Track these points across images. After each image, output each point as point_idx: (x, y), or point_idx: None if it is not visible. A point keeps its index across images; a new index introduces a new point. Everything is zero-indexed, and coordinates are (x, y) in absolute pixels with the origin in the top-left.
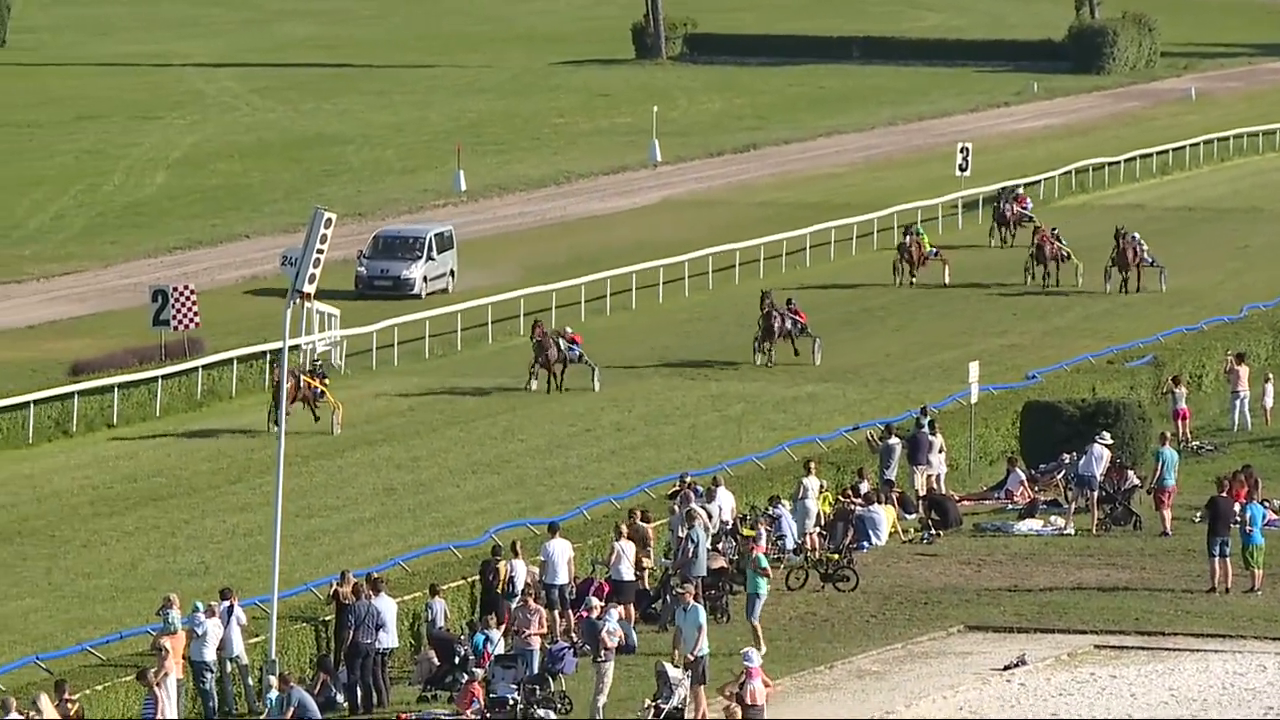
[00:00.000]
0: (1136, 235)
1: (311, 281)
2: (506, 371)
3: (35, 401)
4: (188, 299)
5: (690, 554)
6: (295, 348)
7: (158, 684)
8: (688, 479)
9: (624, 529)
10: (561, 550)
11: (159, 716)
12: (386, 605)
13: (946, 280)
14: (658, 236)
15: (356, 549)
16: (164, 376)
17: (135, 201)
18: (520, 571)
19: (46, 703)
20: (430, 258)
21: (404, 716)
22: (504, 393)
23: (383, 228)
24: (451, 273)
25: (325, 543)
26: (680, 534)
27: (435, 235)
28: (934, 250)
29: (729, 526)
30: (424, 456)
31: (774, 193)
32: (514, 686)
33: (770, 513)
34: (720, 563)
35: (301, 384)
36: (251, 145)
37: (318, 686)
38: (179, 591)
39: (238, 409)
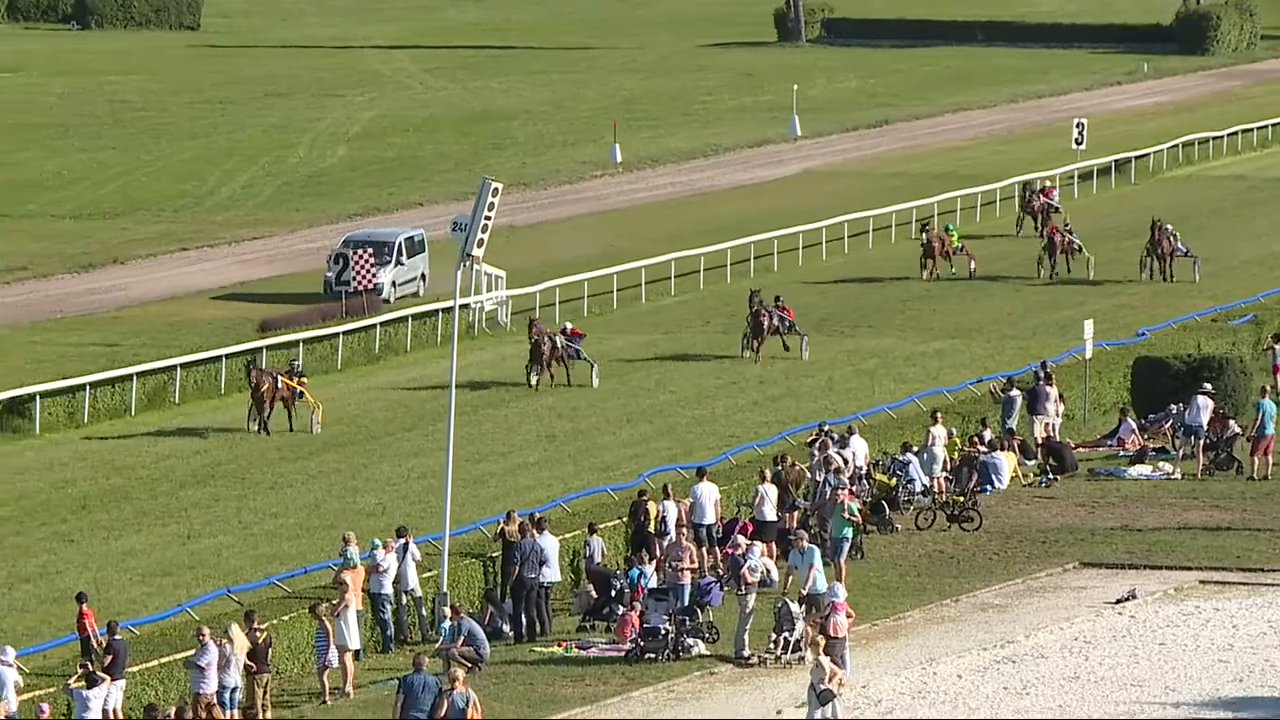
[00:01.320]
0: (1170, 227)
1: (480, 245)
2: (659, 328)
3: (226, 355)
4: (367, 261)
5: (827, 496)
6: (440, 312)
7: (336, 615)
8: (825, 427)
9: (766, 473)
10: (708, 492)
11: (334, 644)
12: (549, 543)
13: (972, 272)
14: (798, 205)
15: (521, 491)
16: (345, 333)
17: (318, 172)
18: (671, 511)
19: (237, 631)
20: (400, 262)
21: (564, 645)
22: (656, 347)
23: (352, 231)
24: (423, 276)
25: (492, 485)
26: (818, 478)
27: (405, 240)
28: (961, 245)
29: (863, 471)
30: (582, 407)
31: (904, 164)
32: (666, 617)
33: (900, 459)
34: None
35: (280, 385)
36: (424, 120)
37: (486, 617)
38: (357, 530)
39: (412, 362)
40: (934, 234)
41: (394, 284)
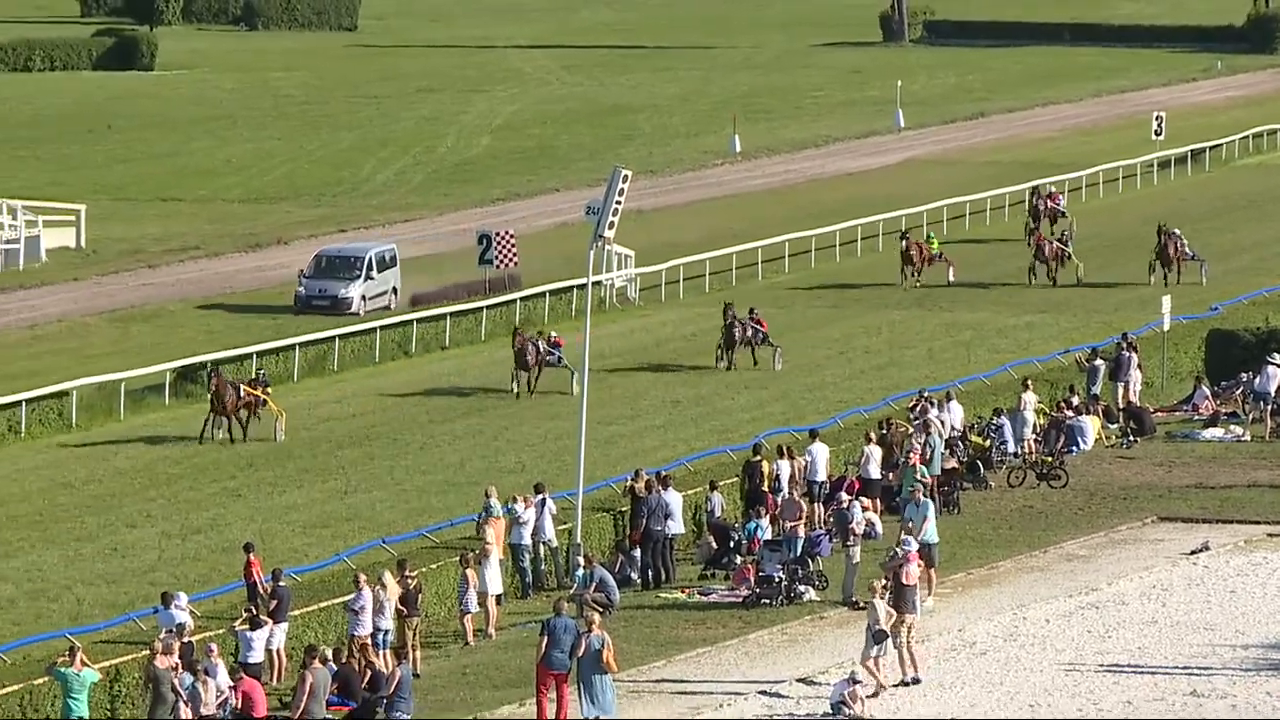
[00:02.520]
0: (1178, 231)
1: (611, 228)
2: (775, 303)
3: (381, 327)
4: (508, 241)
5: (927, 457)
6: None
7: (475, 564)
8: (925, 394)
9: (871, 435)
10: (821, 452)
11: (476, 591)
12: (673, 498)
13: (950, 280)
14: (901, 191)
15: (648, 451)
16: (488, 307)
17: (464, 160)
18: (784, 469)
19: (390, 578)
20: (369, 277)
21: (687, 592)
22: (771, 321)
23: (324, 247)
24: (394, 290)
25: (621, 446)
26: (918, 440)
27: (376, 255)
28: (939, 253)
29: (959, 434)
30: (704, 374)
31: (998, 154)
32: (779, 566)
33: (993, 422)
34: (952, 464)
35: (242, 393)
36: (561, 114)
37: (616, 566)
38: (498, 486)
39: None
40: (913, 242)
41: (364, 298)
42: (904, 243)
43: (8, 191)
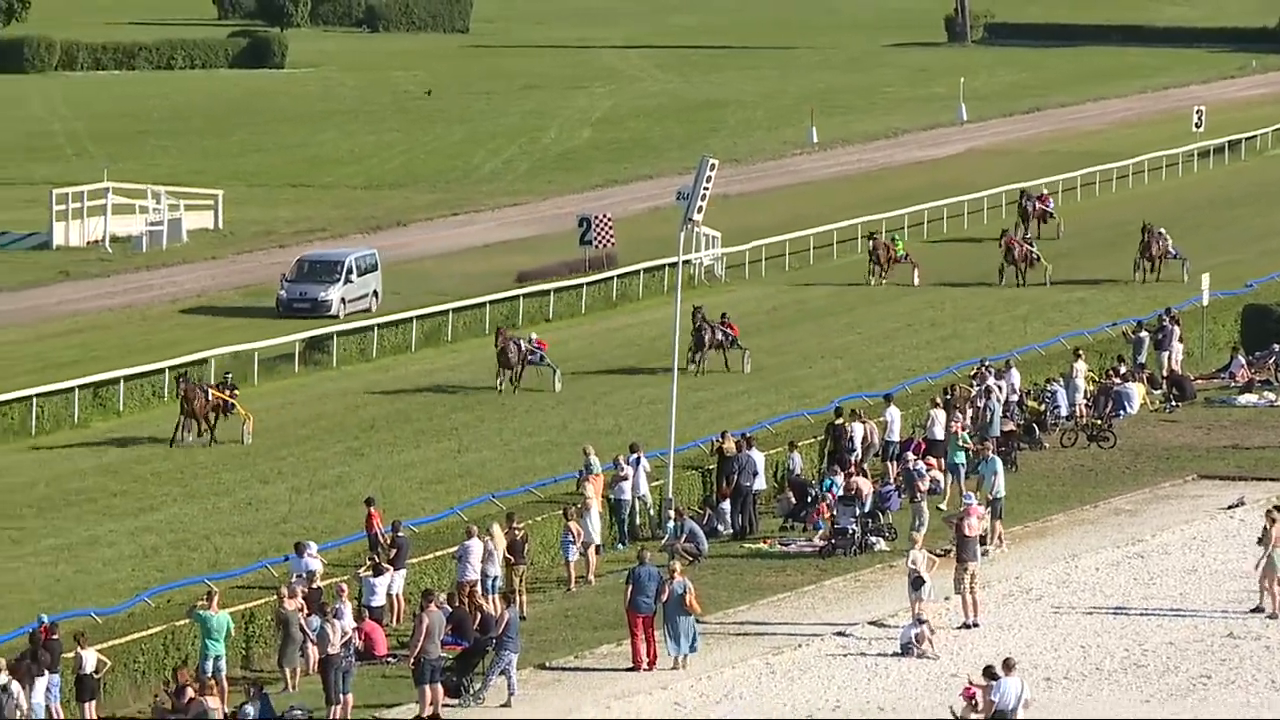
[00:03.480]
0: (1162, 230)
1: (699, 211)
2: (850, 280)
3: (490, 302)
4: (606, 224)
5: (988, 419)
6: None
7: (577, 517)
8: (985, 362)
9: (937, 400)
10: (895, 415)
11: (578, 541)
12: (757, 457)
13: (916, 282)
14: (963, 178)
15: (733, 415)
16: (588, 283)
17: (566, 150)
18: (858, 431)
19: (498, 530)
20: (349, 281)
21: (769, 542)
22: (845, 296)
23: (306, 252)
24: (375, 294)
25: (709, 409)
26: (979, 404)
27: (356, 259)
28: (904, 254)
29: (1017, 398)
30: (785, 344)
31: (1052, 144)
32: (853, 520)
33: (1048, 388)
34: (1010, 426)
35: (210, 397)
36: (654, 108)
37: (705, 518)
38: (597, 446)
39: (644, 308)
40: (880, 243)
41: (343, 300)
42: (871, 243)
43: (153, 178)
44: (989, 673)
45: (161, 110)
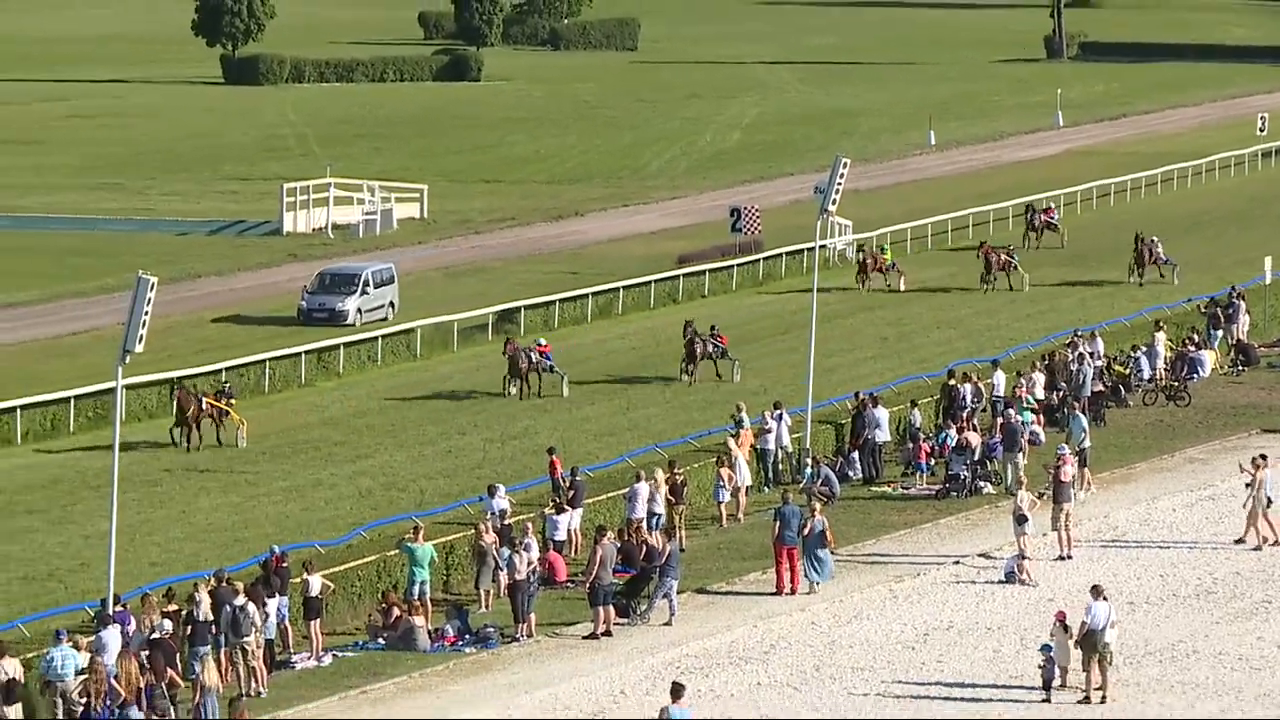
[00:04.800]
0: (1155, 239)
1: (834, 203)
2: (960, 263)
3: (655, 281)
4: (754, 214)
5: (1079, 382)
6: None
7: (728, 464)
8: (1078, 332)
9: (1036, 364)
10: (1000, 377)
11: (729, 485)
12: (882, 413)
13: (902, 288)
14: (1060, 175)
15: (861, 377)
16: (738, 265)
17: (720, 151)
18: (968, 391)
19: (660, 474)
20: (365, 292)
21: (892, 486)
22: (957, 278)
23: (326, 266)
24: (391, 304)
25: (841, 373)
26: (1073, 368)
27: (372, 273)
28: (893, 263)
29: (1104, 363)
30: (905, 316)
31: (1136, 146)
32: (964, 467)
33: (1132, 355)
34: (1099, 387)
35: (205, 405)
36: (795, 115)
37: (838, 465)
38: (747, 404)
39: (786, 286)
40: (869, 253)
41: (359, 311)
42: (860, 254)
43: (368, 174)
44: (1095, 591)
45: (375, 117)
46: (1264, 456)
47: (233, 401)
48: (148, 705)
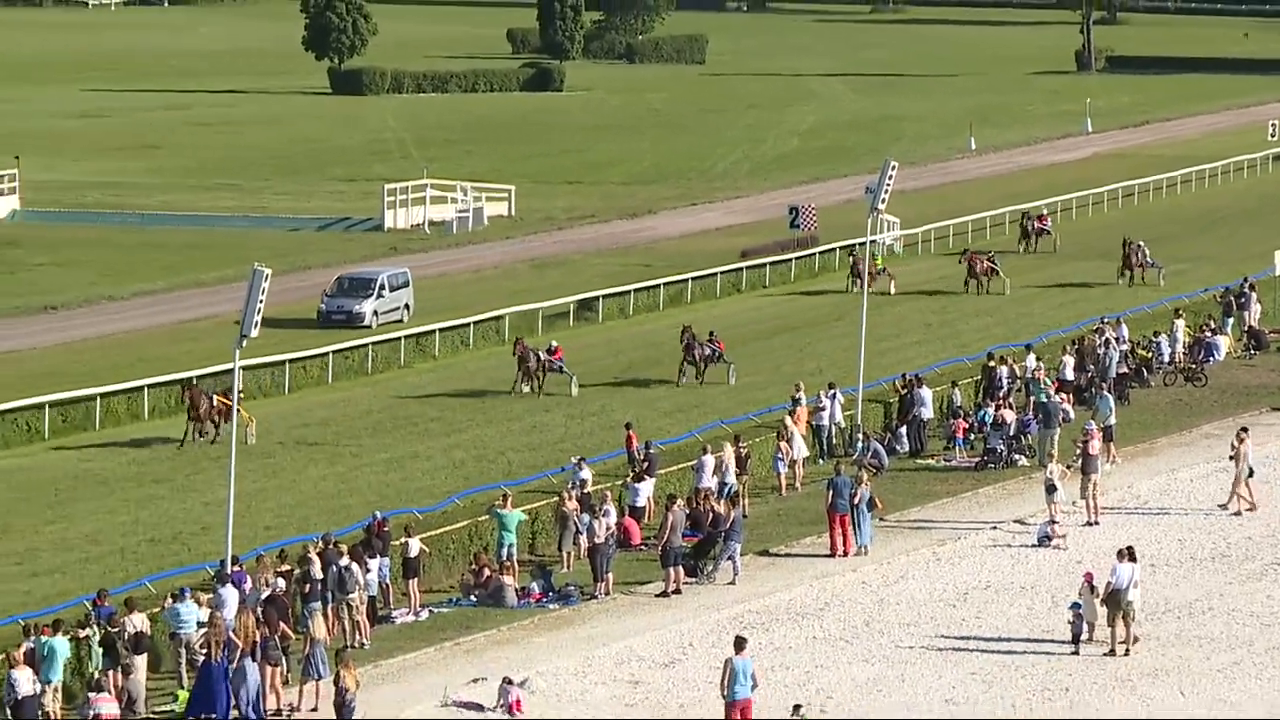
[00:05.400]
0: (1141, 243)
1: (883, 202)
2: (1002, 256)
3: (721, 272)
4: (811, 212)
5: (1106, 364)
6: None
7: (785, 438)
8: (1105, 319)
9: (1067, 348)
10: (1033, 360)
11: (786, 458)
12: (926, 393)
13: (892, 291)
14: (1089, 176)
15: (907, 360)
16: (795, 258)
17: (779, 155)
18: (1004, 373)
19: (728, 448)
20: (381, 295)
21: (935, 458)
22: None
23: (344, 271)
24: (406, 306)
25: (890, 355)
26: (1100, 351)
27: (388, 277)
28: (883, 268)
29: (1129, 347)
30: (948, 305)
31: (1159, 150)
32: (1001, 442)
33: (1153, 339)
34: (1123, 369)
35: (215, 402)
36: (847, 122)
37: (886, 440)
38: (805, 383)
39: (834, 278)
40: (859, 258)
41: (375, 313)
42: (851, 259)
43: (461, 176)
44: (1120, 554)
45: (467, 123)
46: (1245, 430)
47: (242, 398)
48: (262, 656)
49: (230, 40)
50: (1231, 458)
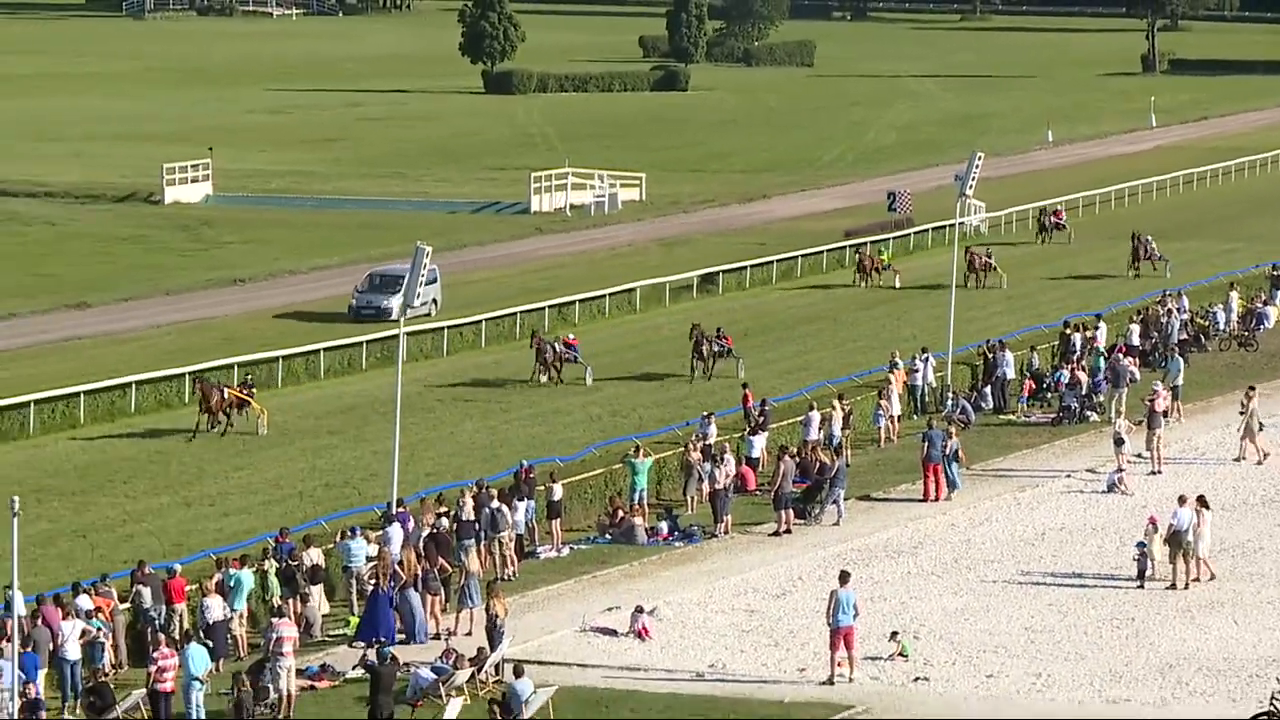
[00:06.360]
0: (1149, 238)
1: (970, 188)
2: (1077, 236)
3: (827, 250)
4: (907, 197)
5: (1168, 332)
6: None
7: (883, 396)
8: (1167, 292)
9: (1133, 317)
10: (1104, 328)
11: (885, 414)
12: (1009, 357)
13: (897, 285)
14: (1154, 166)
15: (993, 327)
16: (893, 237)
17: (879, 147)
18: (1078, 339)
19: (837, 404)
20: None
21: (1015, 414)
22: (1069, 245)
23: (374, 268)
24: (435, 301)
25: (977, 323)
26: (1163, 320)
27: None
28: (888, 264)
29: (1188, 316)
30: (1027, 278)
31: (1217, 142)
32: (1075, 400)
33: (1210, 309)
34: (1183, 336)
35: (226, 395)
36: (941, 118)
37: (973, 398)
38: (899, 348)
39: (926, 256)
40: (866, 254)
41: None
42: (858, 255)
43: (598, 165)
44: (1181, 499)
45: (604, 119)
46: (1253, 388)
47: (253, 392)
48: (424, 586)
49: (396, 47)
50: (1241, 413)
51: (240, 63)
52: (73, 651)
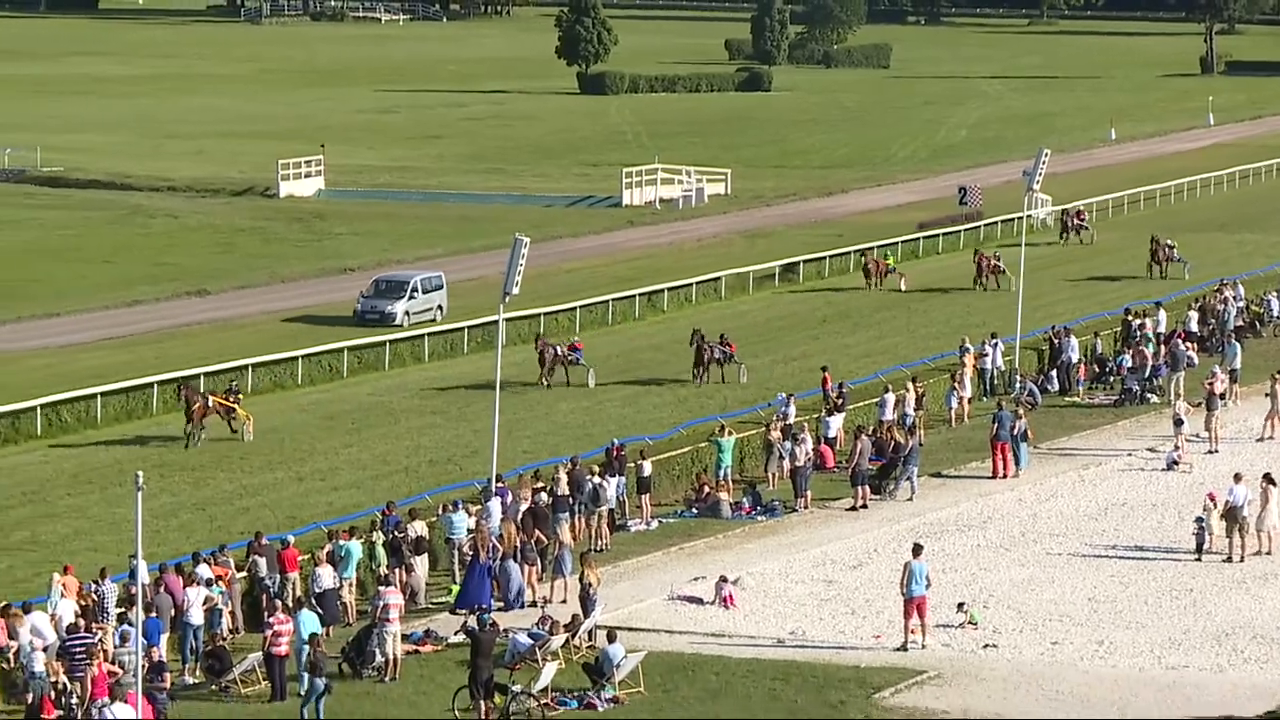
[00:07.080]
0: (1169, 241)
1: (1037, 183)
2: (1131, 229)
3: (901, 241)
4: (977, 191)
5: (1225, 319)
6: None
7: (956, 380)
8: (1224, 280)
9: (1191, 305)
10: (1163, 315)
11: (955, 394)
12: (1073, 342)
13: (902, 288)
14: (1209, 163)
15: (1059, 314)
16: (964, 230)
17: (950, 145)
18: (1143, 322)
19: (911, 385)
20: (413, 297)
21: (1080, 396)
22: (1130, 238)
23: (380, 274)
24: (440, 308)
25: (1043, 310)
26: (1219, 308)
27: (421, 279)
28: (893, 268)
29: (1244, 304)
30: (1091, 268)
31: (1270, 141)
32: (1136, 383)
33: (1265, 297)
34: (1239, 322)
35: (211, 403)
36: (1008, 118)
37: (1039, 380)
38: (970, 336)
39: (1000, 246)
40: (871, 259)
41: (408, 313)
42: (864, 260)
43: (686, 161)
44: (1237, 476)
45: (691, 118)
46: (1279, 372)
47: (239, 399)
48: (521, 557)
49: (497, 50)
50: (1267, 395)
51: (350, 65)
52: (196, 617)
